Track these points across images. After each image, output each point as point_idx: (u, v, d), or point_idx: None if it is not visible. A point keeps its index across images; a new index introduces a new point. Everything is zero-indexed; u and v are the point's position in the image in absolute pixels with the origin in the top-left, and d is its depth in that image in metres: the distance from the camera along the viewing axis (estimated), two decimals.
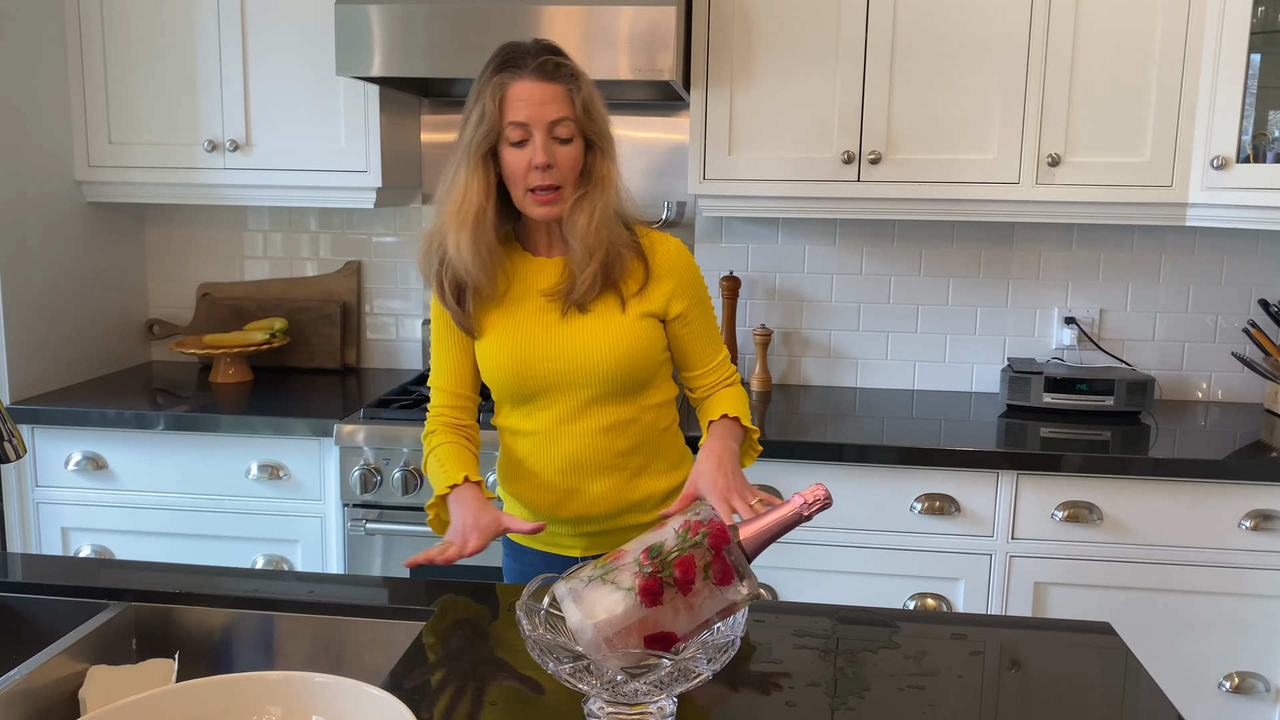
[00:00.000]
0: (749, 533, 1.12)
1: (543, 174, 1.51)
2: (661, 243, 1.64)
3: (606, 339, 1.58)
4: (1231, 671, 2.27)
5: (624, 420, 1.63)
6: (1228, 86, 2.33)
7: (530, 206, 1.55)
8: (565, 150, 1.53)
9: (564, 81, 1.52)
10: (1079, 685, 1.25)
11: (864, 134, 2.47)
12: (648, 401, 1.66)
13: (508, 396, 1.65)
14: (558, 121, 1.51)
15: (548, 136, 1.51)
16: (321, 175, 2.66)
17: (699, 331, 1.67)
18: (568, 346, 1.59)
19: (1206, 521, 2.23)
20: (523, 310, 1.61)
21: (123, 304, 3.00)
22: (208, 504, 2.49)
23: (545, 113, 1.50)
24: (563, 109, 1.51)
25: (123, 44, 2.68)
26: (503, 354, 1.60)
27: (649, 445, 1.67)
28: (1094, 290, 2.80)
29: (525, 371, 1.60)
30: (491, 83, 1.52)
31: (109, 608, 1.46)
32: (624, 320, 1.59)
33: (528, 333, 1.60)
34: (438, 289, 1.62)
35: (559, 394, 1.61)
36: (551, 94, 1.51)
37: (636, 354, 1.59)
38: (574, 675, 1.06)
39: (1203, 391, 2.82)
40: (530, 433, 1.65)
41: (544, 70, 1.51)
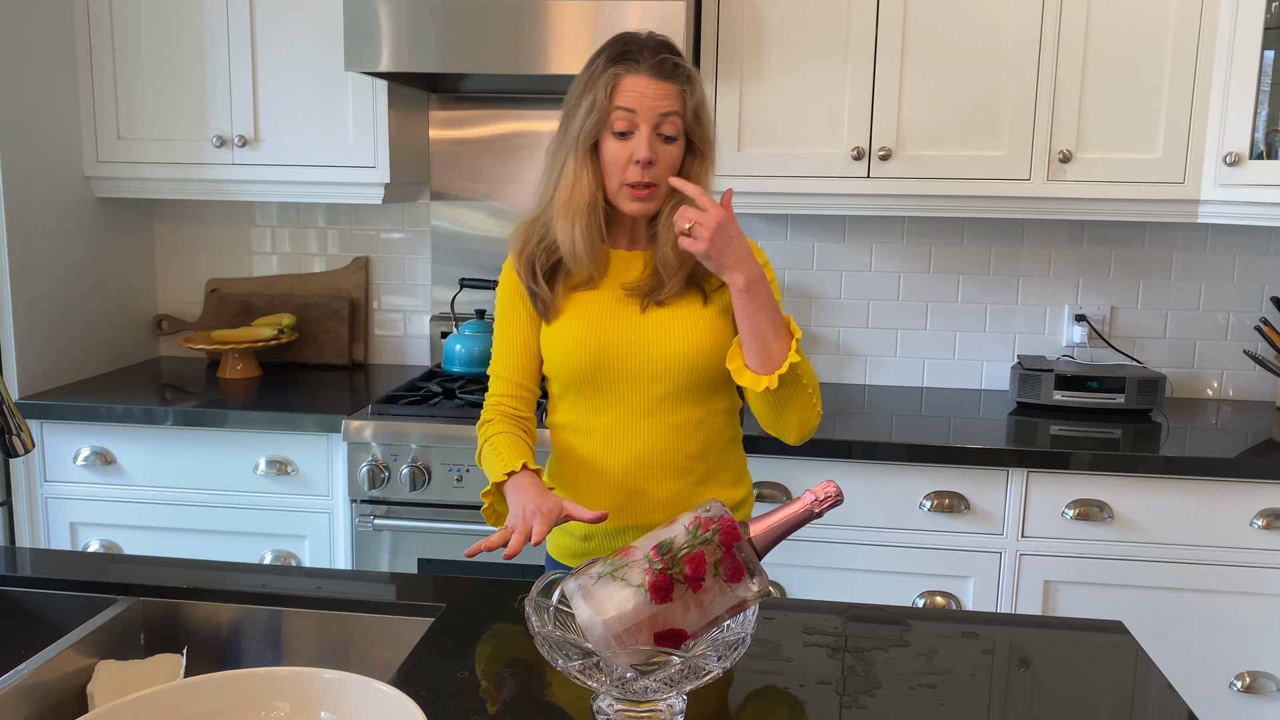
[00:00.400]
0: (759, 530, 1.12)
1: (643, 170, 1.49)
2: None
3: (686, 331, 1.55)
4: (1242, 671, 2.26)
5: (694, 421, 1.58)
6: (1241, 82, 2.31)
7: (624, 201, 1.53)
8: (668, 149, 1.51)
9: (679, 82, 1.50)
10: (1091, 684, 1.24)
11: (874, 130, 2.45)
12: (717, 405, 1.61)
13: (575, 386, 1.59)
14: (666, 116, 1.49)
15: (653, 132, 1.49)
16: (330, 171, 2.65)
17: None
18: (645, 336, 1.55)
19: (1217, 520, 2.22)
20: (602, 299, 1.57)
21: (131, 299, 3.00)
22: (216, 499, 2.49)
23: (656, 106, 1.48)
24: (673, 105, 1.49)
25: (132, 40, 2.68)
26: (578, 339, 1.56)
27: (715, 452, 1.62)
28: (1105, 287, 2.79)
29: (600, 359, 1.55)
30: (605, 74, 1.49)
31: (117, 603, 1.46)
32: (705, 313, 1.56)
33: (605, 320, 1.56)
34: (527, 271, 1.58)
35: (630, 387, 1.56)
36: (665, 91, 1.49)
37: (715, 348, 1.55)
38: (583, 672, 1.05)
39: (1214, 389, 2.80)
40: (594, 430, 1.59)
41: (662, 68, 1.49)
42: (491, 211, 2.95)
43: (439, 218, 2.97)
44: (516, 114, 2.89)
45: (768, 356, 1.47)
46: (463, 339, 2.72)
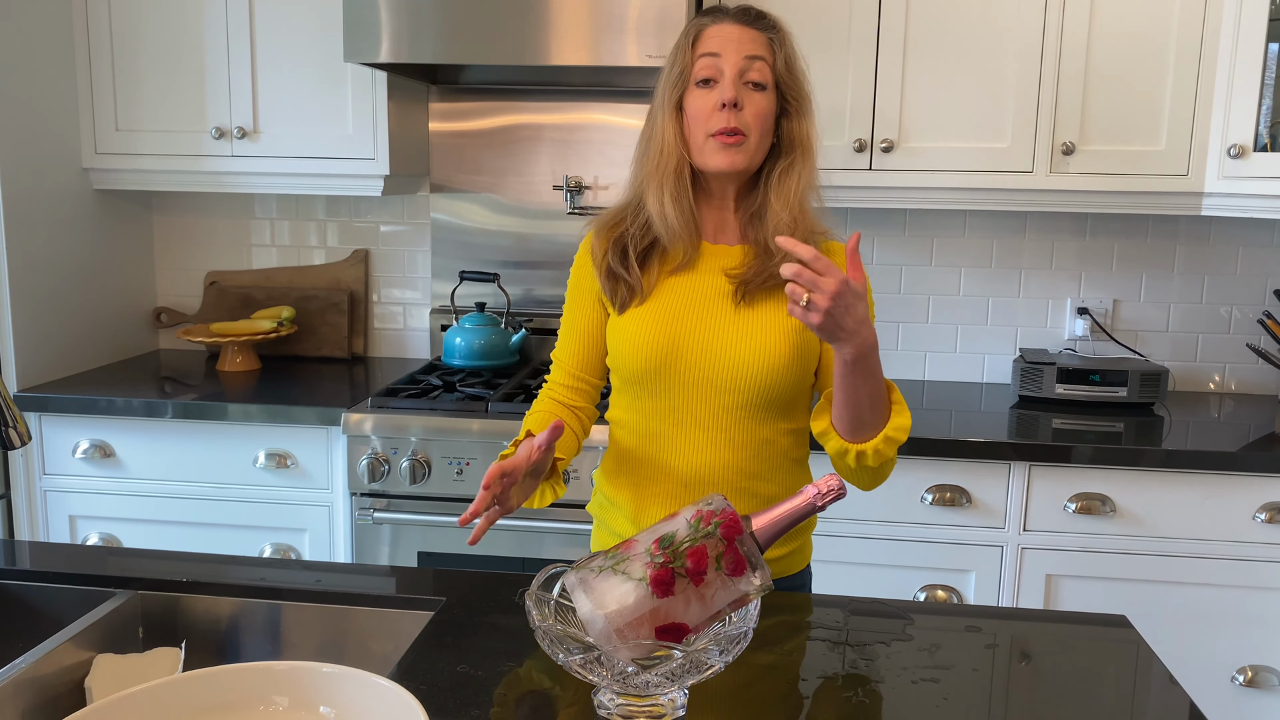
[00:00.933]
0: (761, 523, 1.11)
1: (728, 114, 1.38)
2: (840, 253, 1.48)
3: (765, 342, 1.42)
4: (1245, 665, 2.25)
5: (761, 440, 1.46)
6: (1245, 74, 2.30)
7: (711, 154, 1.40)
8: (756, 97, 1.40)
9: (766, 30, 1.43)
10: (1095, 678, 1.24)
11: (876, 122, 2.44)
12: (787, 425, 1.49)
13: (637, 383, 1.48)
14: (753, 60, 1.40)
15: (739, 77, 1.39)
16: (329, 163, 2.64)
17: None
18: (721, 341, 1.43)
19: (1220, 514, 2.21)
20: (691, 290, 1.46)
21: (130, 292, 3.00)
22: (215, 492, 2.49)
23: (741, 49, 1.40)
24: (759, 49, 1.41)
25: (130, 31, 2.67)
26: (648, 333, 1.44)
27: (780, 474, 1.50)
28: (1107, 280, 2.78)
29: (668, 360, 1.44)
30: (690, 25, 1.45)
31: (116, 596, 1.45)
32: (788, 325, 1.42)
33: (683, 316, 1.44)
34: (617, 253, 1.47)
35: (696, 392, 1.45)
36: (750, 36, 1.41)
37: (792, 364, 1.43)
38: (584, 666, 1.04)
39: (1216, 383, 2.79)
40: (652, 433, 1.48)
41: (746, 15, 1.43)
42: (492, 204, 2.93)
43: (439, 210, 2.96)
44: (517, 105, 2.88)
45: (859, 426, 1.36)
46: (463, 332, 2.71)
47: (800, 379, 1.46)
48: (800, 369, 1.45)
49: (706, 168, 1.43)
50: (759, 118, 1.41)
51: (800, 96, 1.45)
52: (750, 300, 1.44)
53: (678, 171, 1.43)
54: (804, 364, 1.46)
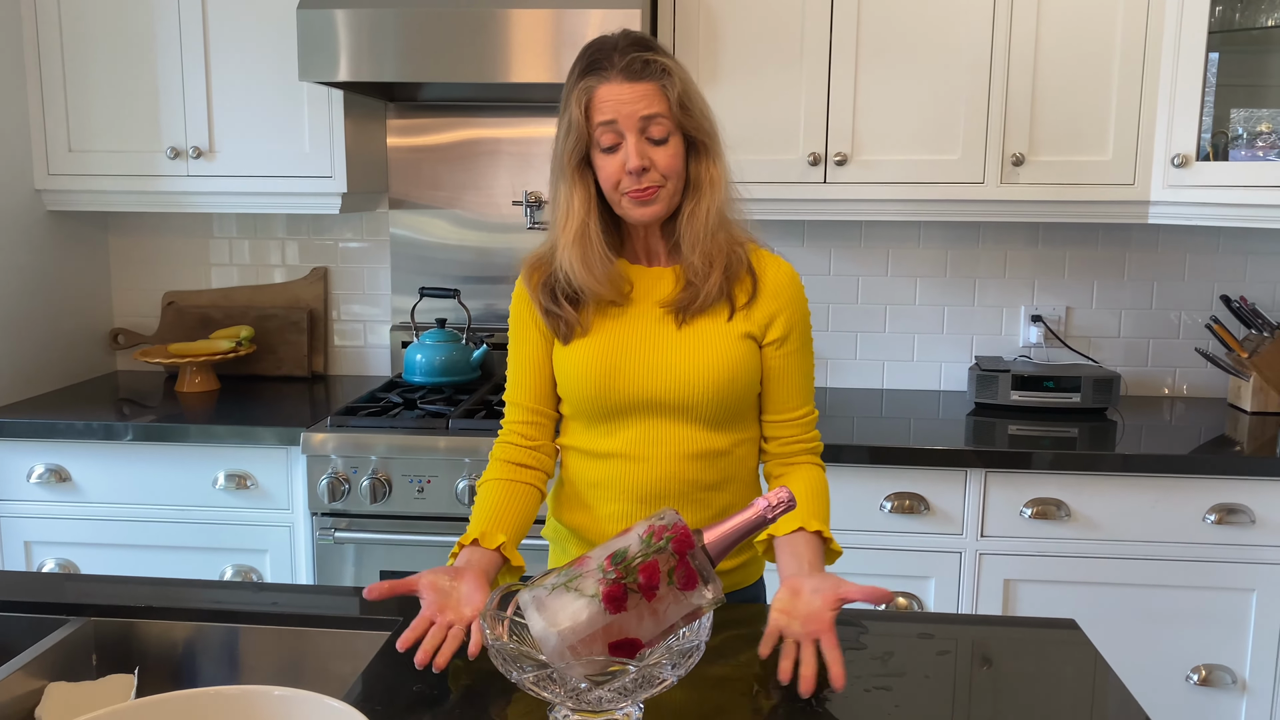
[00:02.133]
0: (713, 537, 1.12)
1: (638, 179, 1.39)
2: (774, 264, 1.51)
3: (708, 358, 1.44)
4: (1199, 664, 2.30)
5: (715, 451, 1.48)
6: (1187, 85, 2.35)
7: (628, 208, 1.43)
8: (662, 151, 1.40)
9: (654, 78, 1.39)
10: (1045, 682, 1.26)
11: (830, 136, 2.47)
12: (740, 435, 1.51)
13: (587, 411, 1.50)
14: (650, 119, 1.38)
15: (640, 137, 1.39)
16: (286, 181, 2.63)
17: (793, 368, 1.51)
18: (664, 359, 1.45)
19: (1172, 516, 2.25)
20: (632, 315, 1.48)
21: (86, 313, 2.96)
22: (174, 515, 2.46)
23: (636, 110, 1.37)
24: (654, 105, 1.38)
25: (82, 50, 2.65)
26: (594, 359, 1.46)
27: (736, 484, 1.52)
28: (1060, 288, 2.83)
29: (614, 381, 1.45)
30: (577, 88, 1.40)
31: (69, 623, 1.43)
32: (729, 338, 1.46)
33: (624, 340, 1.47)
34: (546, 295, 1.48)
35: (648, 411, 1.47)
36: (641, 92, 1.38)
37: (737, 376, 1.45)
38: (537, 684, 1.05)
39: (1168, 387, 2.85)
40: (608, 454, 1.50)
41: (631, 69, 1.38)
42: (452, 219, 2.94)
43: (398, 226, 2.96)
44: (476, 121, 2.89)
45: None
46: (423, 348, 2.71)
47: (747, 389, 1.48)
48: (746, 380, 1.47)
49: (628, 219, 1.46)
50: (669, 167, 1.41)
51: (702, 132, 1.44)
52: (689, 320, 1.46)
53: (581, 237, 1.44)
54: (749, 373, 1.48)
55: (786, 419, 1.53)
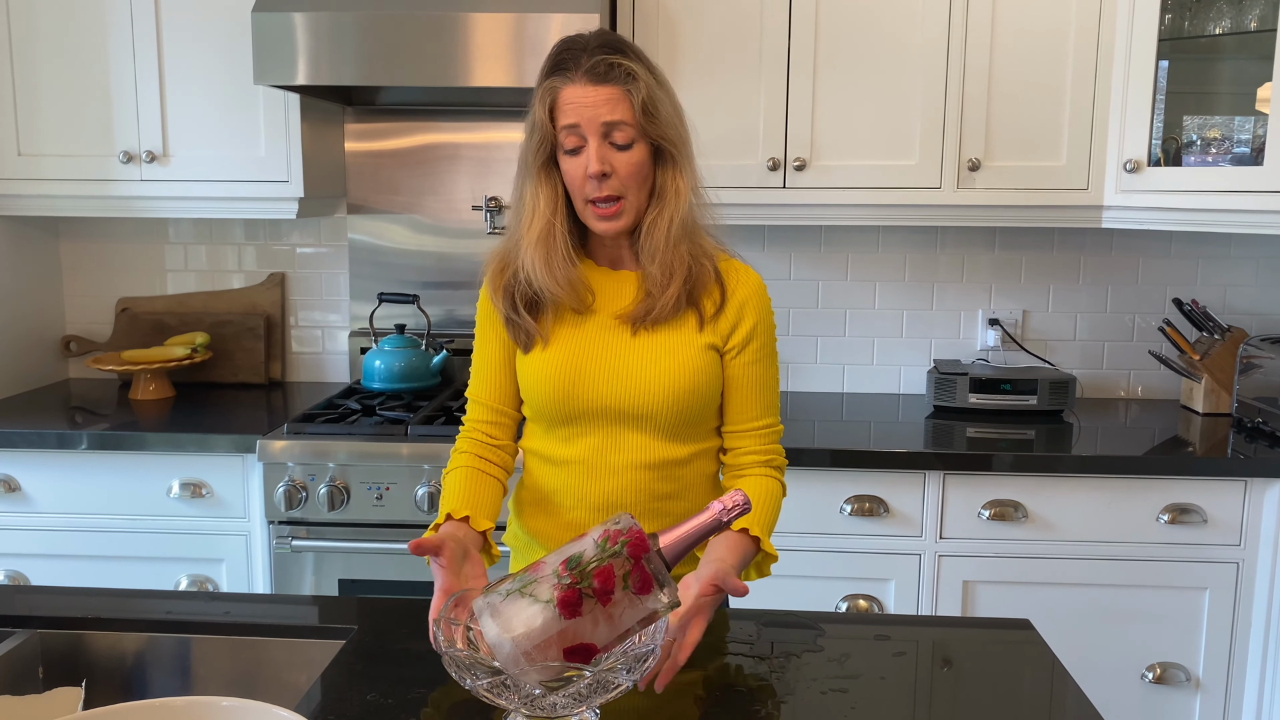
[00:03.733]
0: (668, 540, 1.12)
1: (599, 184, 1.38)
2: (742, 274, 1.50)
3: (669, 367, 1.43)
4: (1154, 662, 2.33)
5: (672, 461, 1.47)
6: (1138, 92, 2.39)
7: (590, 219, 1.42)
8: (624, 157, 1.38)
9: (619, 82, 1.36)
10: (999, 682, 1.27)
11: (789, 141, 2.48)
12: (699, 445, 1.50)
13: (547, 415, 1.49)
14: (613, 125, 1.37)
15: (603, 142, 1.37)
16: (242, 186, 2.60)
17: (753, 378, 1.49)
18: (626, 368, 1.44)
19: (1126, 516, 2.28)
20: (592, 325, 1.47)
21: (37, 320, 2.91)
22: (128, 525, 2.42)
23: (598, 115, 1.36)
24: (618, 111, 1.36)
25: (31, 51, 2.60)
26: (554, 367, 1.45)
27: (694, 494, 1.51)
28: (1017, 292, 2.86)
29: (574, 389, 1.44)
30: (542, 88, 1.39)
31: (14, 635, 1.40)
32: (692, 348, 1.45)
33: (585, 348, 1.45)
34: (507, 302, 1.47)
35: (605, 421, 1.46)
36: (605, 96, 1.36)
37: (699, 387, 1.44)
38: (491, 691, 1.04)
39: (1124, 389, 2.89)
40: (566, 461, 1.49)
41: (595, 72, 1.36)
42: (411, 224, 2.92)
43: (357, 231, 2.93)
44: (435, 125, 2.87)
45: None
46: (382, 354, 2.69)
47: (708, 400, 1.48)
48: (707, 390, 1.46)
49: (592, 229, 1.45)
50: (632, 175, 1.39)
51: (667, 139, 1.41)
52: (651, 328, 1.46)
53: (546, 237, 1.42)
54: (711, 385, 1.47)
55: (745, 429, 1.51)
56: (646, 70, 1.40)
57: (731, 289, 1.48)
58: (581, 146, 1.38)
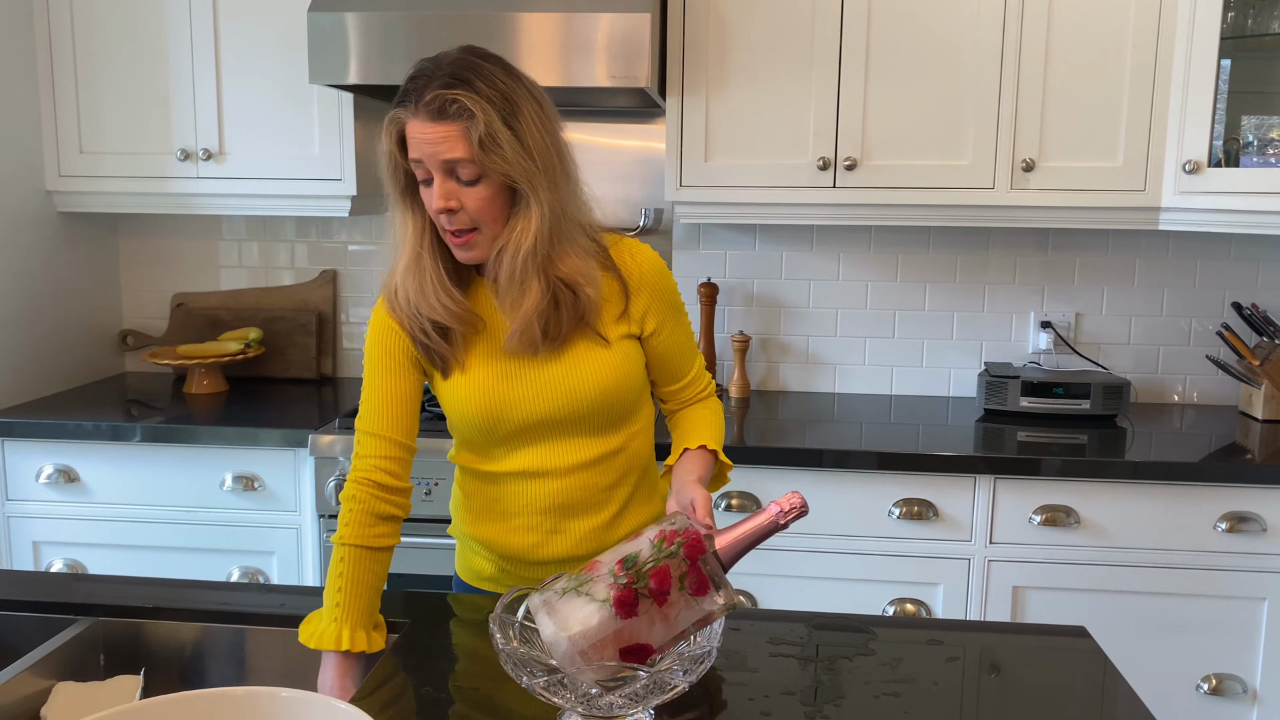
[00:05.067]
0: (725, 542, 1.12)
1: (448, 219, 1.35)
2: (635, 253, 1.50)
3: (590, 370, 1.45)
4: (1209, 673, 2.28)
5: (610, 451, 1.50)
6: (1199, 91, 2.34)
7: (454, 249, 1.40)
8: (472, 192, 1.34)
9: (457, 119, 1.30)
10: (1054, 690, 1.25)
11: (839, 140, 2.47)
12: (632, 428, 1.53)
13: (481, 440, 1.49)
14: (454, 163, 1.32)
15: (447, 178, 1.33)
16: (296, 184, 2.64)
17: (676, 344, 1.54)
18: (546, 383, 1.44)
19: (1182, 524, 2.24)
20: (496, 344, 1.45)
21: (96, 315, 2.97)
22: (182, 516, 2.46)
23: (439, 152, 1.31)
24: (457, 149, 1.31)
25: (93, 53, 2.65)
26: (475, 397, 1.44)
27: (635, 475, 1.55)
28: (1070, 294, 2.82)
29: (500, 415, 1.45)
30: (389, 117, 1.36)
31: (77, 623, 1.43)
32: (606, 348, 1.46)
33: (502, 372, 1.45)
34: (415, 325, 1.43)
35: (540, 433, 1.47)
36: (443, 134, 1.31)
37: (622, 381, 1.47)
38: (548, 689, 1.05)
39: (1178, 394, 2.83)
40: (508, 474, 1.50)
41: (432, 108, 1.31)
42: None
43: None
44: None
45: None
46: None
47: (635, 387, 1.51)
48: (632, 379, 1.49)
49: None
50: (482, 210, 1.35)
51: (513, 175, 1.34)
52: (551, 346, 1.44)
53: (415, 264, 1.40)
54: (636, 373, 1.50)
55: (683, 384, 1.59)
56: (491, 102, 1.32)
57: (630, 276, 1.48)
58: (431, 179, 1.35)
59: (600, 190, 1.52)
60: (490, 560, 1.58)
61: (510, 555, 1.54)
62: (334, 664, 1.33)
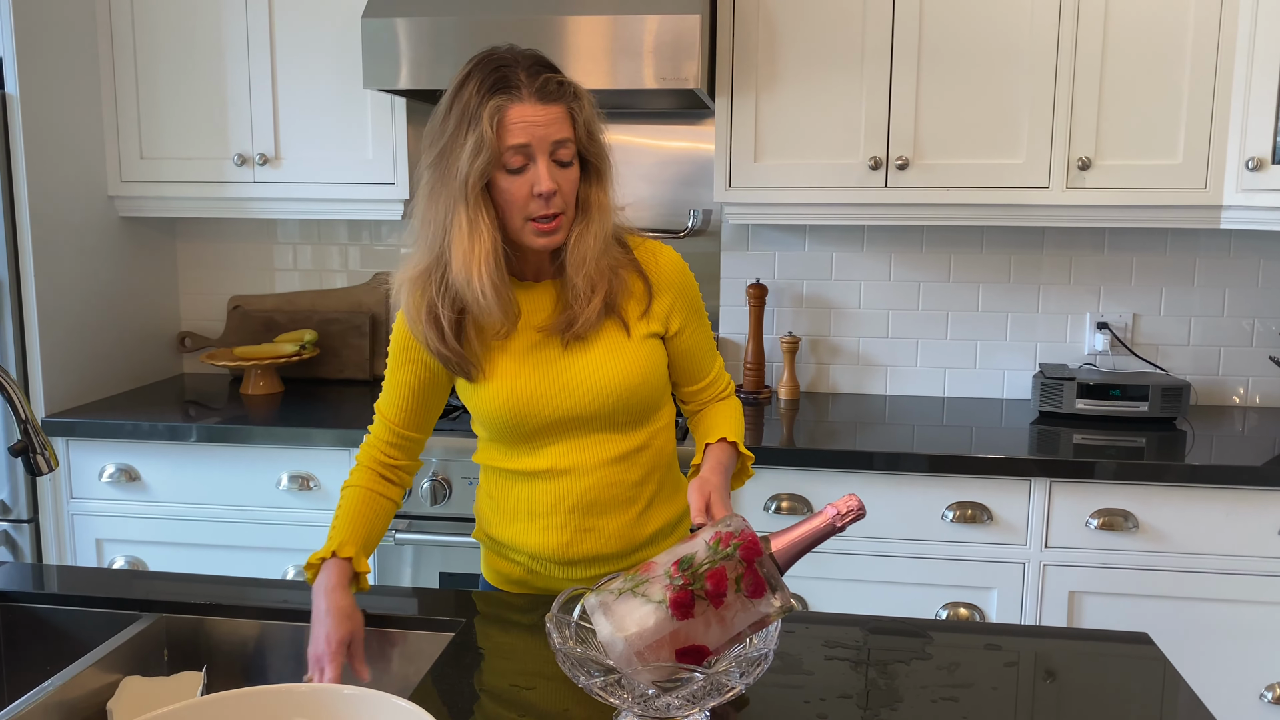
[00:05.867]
0: (781, 544, 1.11)
1: (546, 202, 1.38)
2: (657, 254, 1.53)
3: (614, 367, 1.47)
4: (1273, 682, 2.23)
5: (635, 448, 1.52)
6: (1262, 86, 2.29)
7: (530, 236, 1.41)
8: (567, 174, 1.40)
9: (566, 101, 1.38)
10: (1116, 697, 1.23)
11: (891, 139, 2.45)
12: (656, 425, 1.55)
13: (507, 438, 1.51)
14: (561, 144, 1.38)
15: (550, 160, 1.38)
16: (349, 188, 2.67)
17: (698, 344, 1.57)
18: (572, 379, 1.46)
19: (1244, 529, 2.19)
20: (519, 347, 1.48)
21: (155, 317, 3.03)
22: (239, 515, 2.51)
23: (549, 134, 1.36)
24: (565, 130, 1.38)
25: (153, 61, 2.71)
26: (501, 395, 1.47)
27: (660, 472, 1.57)
28: (1127, 294, 2.77)
29: (527, 410, 1.46)
30: (487, 106, 1.35)
31: (141, 619, 1.47)
32: (630, 344, 1.48)
33: (527, 370, 1.47)
34: (434, 332, 1.45)
35: (566, 430, 1.49)
36: (554, 115, 1.37)
37: (647, 378, 1.49)
38: (605, 689, 1.05)
39: (1240, 396, 2.77)
40: (535, 473, 1.51)
41: (545, 91, 1.37)
42: None
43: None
44: None
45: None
46: None
47: (658, 385, 1.53)
48: (656, 378, 1.51)
49: (525, 246, 1.43)
50: (572, 193, 1.42)
51: (601, 158, 1.44)
52: (578, 338, 1.46)
53: (495, 257, 1.40)
54: (658, 371, 1.52)
55: (703, 385, 1.61)
56: (583, 89, 1.42)
57: (654, 276, 1.51)
58: (526, 165, 1.37)
59: (647, 192, 1.53)
60: (519, 563, 1.58)
61: (542, 555, 1.55)
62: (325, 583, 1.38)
